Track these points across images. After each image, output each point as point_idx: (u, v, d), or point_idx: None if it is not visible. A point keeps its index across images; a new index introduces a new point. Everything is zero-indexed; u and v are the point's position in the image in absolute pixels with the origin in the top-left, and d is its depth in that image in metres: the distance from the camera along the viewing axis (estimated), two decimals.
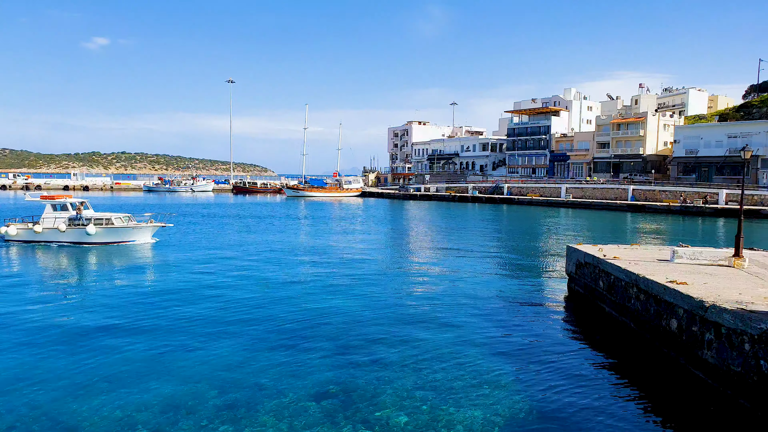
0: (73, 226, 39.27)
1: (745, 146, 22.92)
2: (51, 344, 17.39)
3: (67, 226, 39.14)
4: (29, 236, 39.86)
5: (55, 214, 39.84)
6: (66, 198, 41.45)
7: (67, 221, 39.33)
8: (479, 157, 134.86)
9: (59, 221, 39.37)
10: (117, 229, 39.65)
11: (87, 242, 39.20)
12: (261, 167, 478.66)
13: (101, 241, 39.42)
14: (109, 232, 39.58)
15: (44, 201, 41.06)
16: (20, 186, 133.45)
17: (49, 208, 40.28)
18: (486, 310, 22.69)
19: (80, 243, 39.17)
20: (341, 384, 14.52)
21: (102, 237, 39.43)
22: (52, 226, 39.40)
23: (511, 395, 13.98)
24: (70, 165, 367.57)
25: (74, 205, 40.55)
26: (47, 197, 41.75)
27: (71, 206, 40.34)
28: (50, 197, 41.68)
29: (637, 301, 18.15)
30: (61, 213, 39.90)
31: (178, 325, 19.83)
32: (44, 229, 39.44)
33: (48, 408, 12.96)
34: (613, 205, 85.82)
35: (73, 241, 39.29)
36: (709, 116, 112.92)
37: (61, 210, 40.11)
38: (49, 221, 39.68)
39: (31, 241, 39.74)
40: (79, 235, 39.23)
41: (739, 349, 12.62)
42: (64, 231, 39.04)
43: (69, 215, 39.70)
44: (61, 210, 40.11)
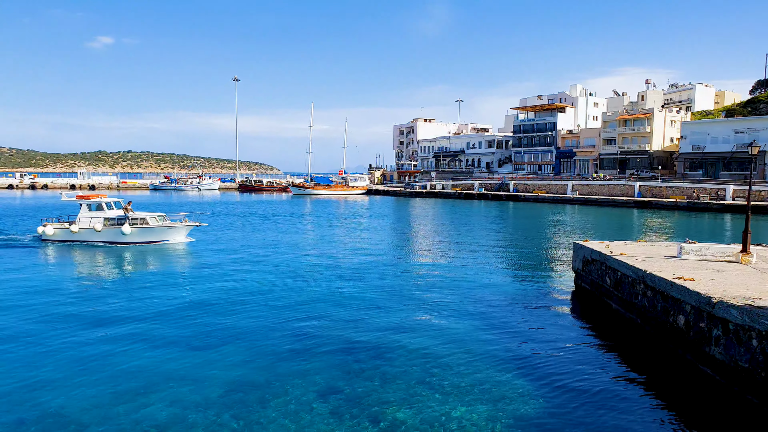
0: (109, 226, 39.16)
1: (752, 142, 22.83)
2: (69, 342, 17.48)
3: (103, 226, 39.02)
4: (66, 236, 39.74)
5: (91, 214, 39.73)
6: (101, 198, 41.21)
7: (103, 221, 39.18)
8: (485, 154, 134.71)
9: (95, 221, 39.25)
10: (152, 229, 39.44)
11: (122, 242, 39.04)
12: (267, 165, 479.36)
13: (136, 241, 39.22)
14: (144, 232, 39.38)
15: (80, 201, 40.90)
16: (27, 185, 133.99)
17: (84, 208, 40.14)
18: (492, 306, 22.68)
19: (116, 243, 39.03)
20: (348, 382, 14.55)
21: (137, 237, 39.21)
22: (88, 226, 39.33)
23: (518, 391, 13.98)
24: (77, 164, 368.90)
25: (109, 205, 40.41)
26: (83, 197, 41.63)
27: (106, 206, 40.19)
28: (86, 197, 41.57)
29: (644, 297, 18.12)
30: (96, 213, 39.78)
31: (187, 325, 19.89)
32: (80, 229, 39.35)
33: (61, 405, 13.04)
34: (619, 201, 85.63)
35: (109, 241, 39.19)
36: (715, 112, 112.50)
37: (96, 210, 39.99)
38: (85, 221, 39.58)
39: (68, 240, 39.61)
40: (114, 235, 39.10)
41: (747, 345, 12.58)
42: (99, 231, 38.94)
43: (105, 215, 39.54)
44: (97, 210, 39.99)
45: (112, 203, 40.87)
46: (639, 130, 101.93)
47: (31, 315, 20.68)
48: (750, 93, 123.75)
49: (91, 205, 40.21)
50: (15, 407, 12.95)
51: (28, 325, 19.40)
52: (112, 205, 40.79)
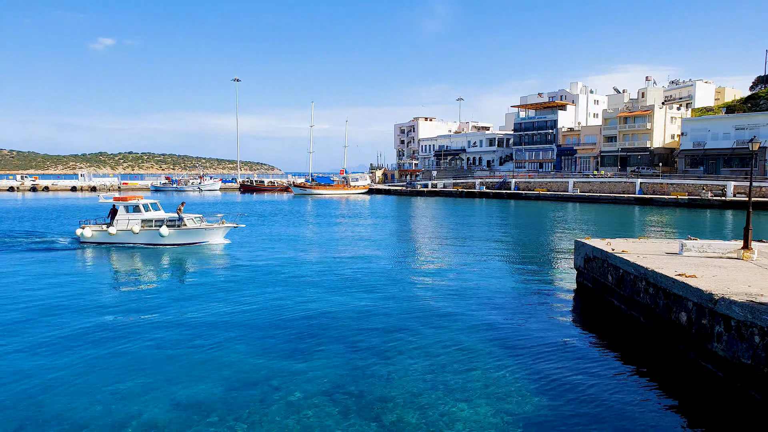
0: (147, 228, 39.04)
1: (752, 138, 22.85)
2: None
3: (141, 228, 38.89)
4: (104, 238, 39.61)
5: (129, 216, 39.56)
6: (138, 199, 41.05)
7: (141, 223, 39.07)
8: (486, 153, 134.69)
9: (132, 223, 39.12)
10: (189, 231, 39.27)
11: (160, 243, 38.92)
12: (268, 165, 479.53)
13: (174, 243, 39.05)
14: (181, 234, 39.27)
15: (117, 202, 40.73)
16: (28, 188, 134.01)
17: (122, 210, 39.99)
18: (495, 305, 22.72)
19: (153, 244, 38.91)
20: (352, 381, 14.59)
21: (175, 238, 39.05)
22: (125, 227, 39.23)
23: (521, 390, 14.02)
24: (78, 166, 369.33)
25: (147, 207, 40.18)
26: (120, 198, 41.52)
27: (144, 208, 39.97)
28: (123, 198, 41.44)
29: (646, 294, 18.15)
30: (134, 215, 39.59)
31: (194, 324, 19.94)
32: (118, 231, 39.22)
33: (62, 404, 13.10)
34: (620, 198, 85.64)
35: (147, 243, 39.07)
36: (716, 108, 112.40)
37: (134, 211, 39.81)
38: (122, 223, 39.45)
39: (106, 242, 39.53)
40: (152, 236, 38.96)
41: (749, 342, 12.62)
42: (137, 233, 38.78)
43: (142, 216, 39.38)
44: (134, 211, 39.80)
45: (149, 205, 40.56)
46: (640, 127, 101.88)
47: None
48: (750, 89, 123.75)
49: (129, 207, 40.03)
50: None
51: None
52: (150, 206, 40.47)
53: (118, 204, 40.50)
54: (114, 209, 40.61)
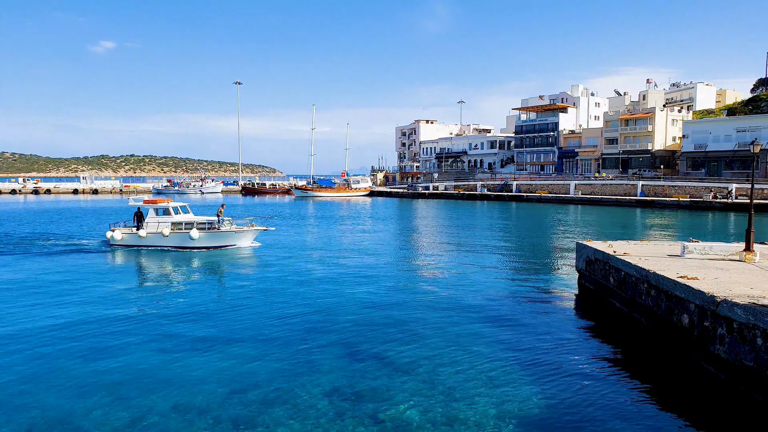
0: (176, 231, 38.82)
1: (754, 140, 22.85)
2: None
3: (171, 231, 38.68)
4: (134, 241, 39.46)
5: (158, 219, 39.42)
6: (168, 202, 40.93)
7: (170, 225, 38.87)
8: (487, 155, 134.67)
9: (162, 225, 38.93)
10: (219, 234, 38.94)
11: (190, 246, 38.79)
12: (269, 168, 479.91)
13: (204, 245, 38.81)
14: (211, 237, 38.92)
15: (147, 205, 40.59)
16: (30, 190, 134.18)
17: (152, 213, 39.86)
18: (497, 307, 22.72)
19: (183, 247, 38.75)
20: (353, 382, 14.60)
21: (205, 241, 38.83)
22: (155, 230, 39.05)
23: (523, 392, 14.02)
24: (79, 168, 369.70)
25: (176, 210, 40.00)
26: (150, 201, 41.43)
27: (173, 210, 39.80)
28: (153, 201, 41.38)
29: (647, 296, 18.15)
30: (164, 217, 39.43)
31: (193, 326, 19.97)
32: (148, 234, 39.07)
33: (63, 404, 13.13)
34: (622, 201, 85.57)
35: (177, 246, 38.91)
36: (717, 111, 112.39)
37: (163, 214, 39.66)
38: (152, 226, 39.27)
39: (136, 245, 39.40)
40: (182, 239, 38.79)
41: (752, 344, 12.62)
42: (167, 236, 38.61)
43: (172, 219, 39.20)
44: (164, 214, 39.65)
45: (179, 207, 40.32)
46: (641, 129, 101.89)
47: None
48: (751, 91, 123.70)
49: (159, 210, 39.88)
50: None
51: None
52: (179, 209, 40.24)
53: (148, 207, 40.32)
54: (139, 212, 40.46)
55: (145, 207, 40.60)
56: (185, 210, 40.79)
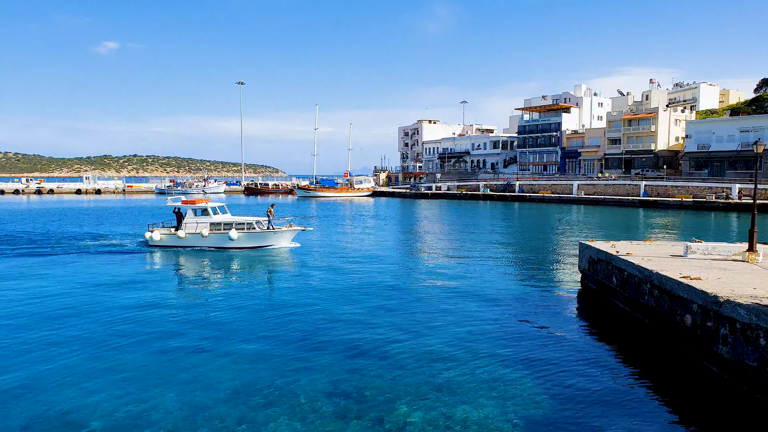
0: (215, 231, 38.63)
1: (757, 140, 22.82)
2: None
3: (210, 231, 38.51)
4: (172, 241, 39.34)
5: (197, 219, 39.20)
6: (206, 202, 40.70)
7: (209, 226, 38.68)
8: (490, 155, 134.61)
9: (201, 226, 38.76)
10: (258, 234, 38.73)
11: (228, 247, 38.56)
12: (272, 168, 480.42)
13: (242, 246, 38.58)
14: (250, 237, 38.71)
15: (186, 206, 40.39)
16: (33, 190, 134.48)
17: (190, 213, 39.64)
18: (499, 307, 22.72)
19: (222, 248, 38.61)
20: (355, 383, 14.61)
21: (243, 242, 38.57)
22: (194, 231, 39.04)
23: (525, 391, 14.03)
24: (82, 169, 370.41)
25: (215, 210, 39.80)
26: (188, 201, 41.26)
27: (212, 211, 39.58)
28: (191, 201, 41.17)
29: (650, 297, 18.14)
30: (202, 218, 39.22)
31: (195, 327, 20.01)
32: (187, 234, 38.92)
33: (61, 405, 13.17)
34: (625, 201, 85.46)
35: (215, 246, 38.71)
36: (720, 111, 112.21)
37: (202, 215, 39.44)
38: (191, 226, 39.10)
39: (174, 246, 39.32)
40: (220, 240, 38.63)
41: (755, 344, 12.61)
42: (206, 236, 38.45)
43: (210, 220, 38.98)
44: (203, 215, 39.43)
45: (217, 208, 40.14)
46: (644, 129, 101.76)
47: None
48: (755, 92, 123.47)
49: (197, 210, 39.66)
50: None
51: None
52: (218, 209, 40.07)
53: (186, 207, 40.14)
54: (178, 212, 40.39)
55: (184, 207, 40.40)
56: (223, 210, 40.60)
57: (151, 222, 43.89)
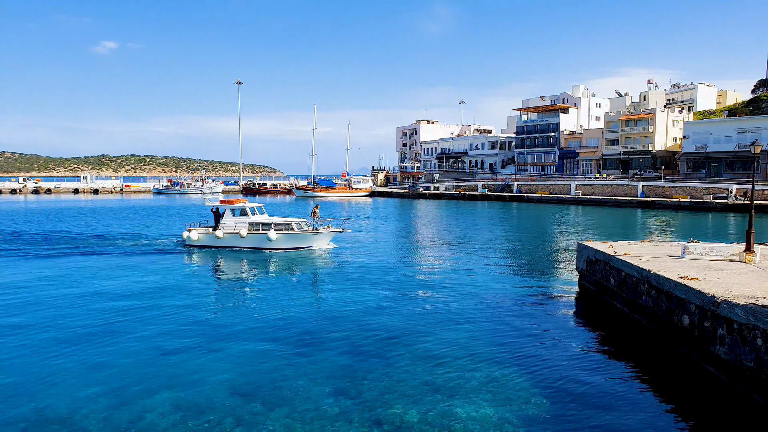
0: (254, 232, 38.30)
1: (754, 141, 22.86)
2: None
3: (248, 232, 38.19)
4: (210, 241, 39.05)
5: (235, 219, 38.88)
6: (245, 203, 40.44)
7: (248, 226, 38.35)
8: (488, 156, 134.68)
9: (240, 226, 38.45)
10: (296, 235, 38.28)
11: (267, 248, 38.10)
12: (270, 168, 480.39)
13: (281, 247, 38.13)
14: (289, 238, 38.24)
15: (224, 205, 40.10)
16: (30, 190, 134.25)
17: (228, 213, 39.32)
18: (497, 307, 22.74)
19: (260, 249, 38.21)
20: (353, 383, 14.61)
21: (282, 243, 38.10)
22: (233, 231, 38.70)
23: (523, 392, 14.04)
24: (80, 168, 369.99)
25: (253, 210, 39.43)
26: (226, 201, 40.99)
27: (250, 211, 39.26)
28: (229, 202, 40.90)
29: (648, 297, 18.17)
30: (240, 218, 38.89)
31: (196, 328, 20.02)
32: (225, 234, 38.76)
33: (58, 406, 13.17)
34: (623, 201, 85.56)
35: (254, 247, 38.39)
36: (718, 111, 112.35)
37: (240, 215, 39.10)
38: (229, 226, 38.95)
39: (212, 246, 39.02)
40: (259, 240, 38.26)
41: (752, 344, 12.63)
42: (245, 236, 38.22)
43: (249, 220, 38.67)
44: (241, 215, 39.08)
45: (256, 208, 39.85)
46: (642, 130, 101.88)
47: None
48: (752, 92, 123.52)
49: (235, 210, 39.33)
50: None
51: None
52: (256, 210, 39.77)
53: (225, 207, 39.87)
54: (216, 211, 40.17)
55: (222, 207, 40.10)
56: (261, 211, 40.36)
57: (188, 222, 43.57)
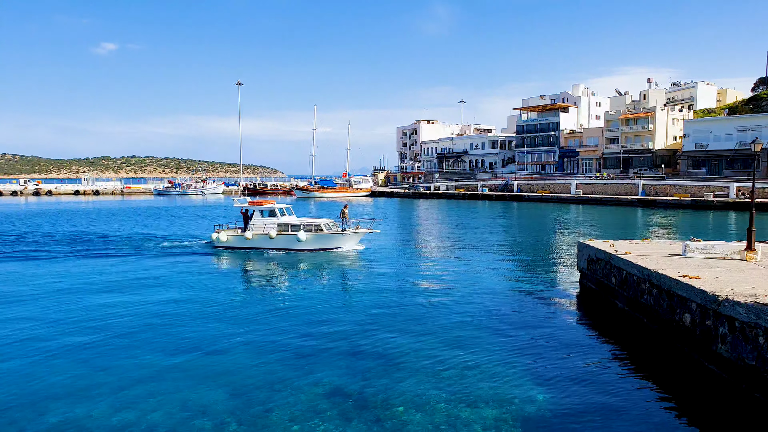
0: (283, 233, 38.09)
1: (755, 139, 22.84)
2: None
3: (277, 233, 38.03)
4: (239, 242, 38.95)
5: (265, 220, 38.72)
6: (273, 204, 40.17)
7: (277, 227, 38.21)
8: (488, 155, 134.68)
9: (269, 227, 38.33)
10: (326, 236, 38.12)
11: (297, 249, 37.91)
12: (270, 169, 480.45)
13: (310, 248, 37.95)
14: (318, 239, 38.12)
15: (253, 207, 39.93)
16: (31, 192, 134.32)
17: (257, 214, 39.17)
18: (498, 307, 22.73)
19: (290, 250, 37.98)
20: (354, 384, 14.60)
21: (311, 244, 37.98)
22: (262, 232, 38.51)
23: (525, 393, 14.03)
24: (81, 170, 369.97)
25: (282, 211, 39.33)
26: (255, 203, 40.86)
27: (279, 212, 39.11)
28: (258, 203, 40.75)
29: (649, 296, 18.16)
30: (269, 219, 38.72)
31: (197, 329, 20.01)
32: (254, 236, 38.58)
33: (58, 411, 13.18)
34: (623, 200, 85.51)
35: (283, 248, 38.21)
36: (718, 110, 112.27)
37: (269, 216, 38.91)
38: (258, 227, 38.75)
39: (241, 247, 38.86)
40: (288, 241, 38.07)
41: (754, 343, 12.62)
42: (274, 237, 38.09)
43: (278, 221, 38.51)
44: (270, 216, 38.89)
45: (284, 209, 39.73)
46: (642, 128, 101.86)
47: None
48: (752, 91, 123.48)
49: (264, 211, 39.16)
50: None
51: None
52: (285, 211, 39.64)
53: (254, 208, 39.73)
54: (245, 213, 40.06)
55: (251, 208, 39.98)
56: (290, 212, 40.26)
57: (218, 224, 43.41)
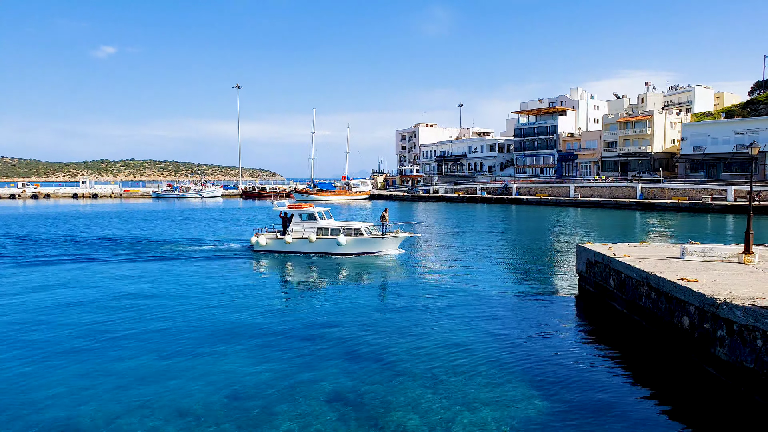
0: (322, 236, 37.93)
1: (752, 142, 22.92)
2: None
3: (317, 236, 37.83)
4: (279, 246, 38.89)
5: (304, 224, 38.52)
6: (312, 207, 40.15)
7: (316, 231, 38.00)
8: (487, 158, 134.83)
9: (309, 231, 38.30)
10: (366, 240, 37.86)
11: (336, 253, 37.75)
12: (269, 172, 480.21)
13: (350, 252, 37.77)
14: (358, 243, 37.84)
15: (292, 210, 39.67)
16: (29, 195, 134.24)
17: (296, 218, 38.96)
18: (497, 310, 22.76)
19: (329, 254, 37.79)
20: (353, 387, 14.62)
21: (351, 248, 37.73)
22: (302, 236, 38.40)
23: (524, 395, 14.05)
24: (79, 173, 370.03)
25: (321, 215, 39.16)
26: (294, 206, 40.65)
27: (318, 216, 38.94)
28: (297, 206, 40.57)
29: (648, 299, 18.21)
30: (309, 222, 38.49)
31: (197, 330, 20.03)
32: (294, 239, 38.44)
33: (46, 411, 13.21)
34: (621, 203, 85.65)
35: (323, 252, 38.03)
36: (715, 113, 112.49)
37: (308, 219, 38.69)
38: (298, 231, 38.63)
39: (281, 251, 38.74)
40: (328, 245, 37.87)
41: (752, 345, 12.67)
42: (314, 241, 37.82)
43: (317, 225, 38.27)
44: (309, 219, 38.69)
45: (324, 213, 39.62)
46: (640, 132, 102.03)
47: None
48: (749, 94, 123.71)
49: (303, 215, 38.99)
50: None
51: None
52: (324, 214, 39.51)
53: (293, 212, 39.53)
54: (285, 216, 39.84)
55: (290, 212, 39.79)
56: (329, 215, 40.17)
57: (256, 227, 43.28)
